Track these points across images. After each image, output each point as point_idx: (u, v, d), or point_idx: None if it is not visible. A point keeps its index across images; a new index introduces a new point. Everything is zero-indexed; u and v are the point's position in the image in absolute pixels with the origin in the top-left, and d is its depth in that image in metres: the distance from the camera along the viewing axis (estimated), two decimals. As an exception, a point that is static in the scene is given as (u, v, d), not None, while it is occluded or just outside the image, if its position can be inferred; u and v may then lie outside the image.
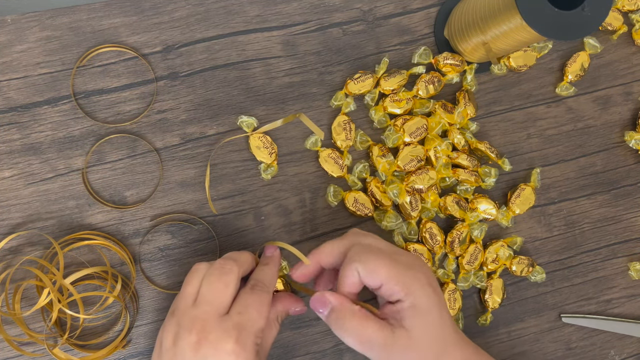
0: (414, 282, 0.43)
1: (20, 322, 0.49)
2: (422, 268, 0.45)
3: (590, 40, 0.58)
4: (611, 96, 0.59)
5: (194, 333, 0.41)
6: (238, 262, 0.45)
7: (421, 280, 0.43)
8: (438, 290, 0.44)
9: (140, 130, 0.53)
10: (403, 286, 0.43)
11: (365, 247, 0.45)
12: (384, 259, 0.43)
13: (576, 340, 0.57)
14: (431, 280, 0.44)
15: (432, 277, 0.45)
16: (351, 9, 0.56)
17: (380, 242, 0.46)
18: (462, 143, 0.55)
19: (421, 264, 0.45)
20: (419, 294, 0.43)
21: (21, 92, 0.52)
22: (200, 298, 0.43)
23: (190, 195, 0.53)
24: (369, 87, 0.55)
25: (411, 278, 0.43)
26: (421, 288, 0.43)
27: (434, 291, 0.43)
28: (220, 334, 0.42)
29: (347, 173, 0.54)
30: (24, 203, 0.52)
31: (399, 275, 0.43)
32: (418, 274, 0.43)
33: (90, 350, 0.51)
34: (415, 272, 0.43)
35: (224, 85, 0.54)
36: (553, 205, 0.58)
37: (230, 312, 0.43)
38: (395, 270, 0.43)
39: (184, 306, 0.43)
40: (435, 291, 0.44)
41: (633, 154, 0.59)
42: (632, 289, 0.58)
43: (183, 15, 0.54)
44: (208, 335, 0.41)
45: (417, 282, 0.43)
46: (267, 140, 0.53)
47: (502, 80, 0.58)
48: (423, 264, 0.45)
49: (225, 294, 0.43)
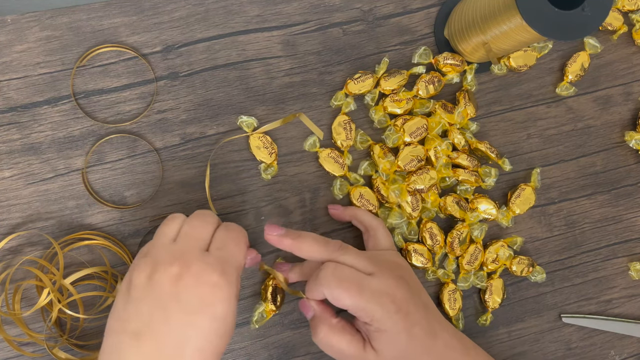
0: (379, 309, 0.43)
1: (20, 322, 0.49)
2: (395, 291, 0.44)
3: (590, 40, 0.58)
4: (611, 96, 0.59)
5: (175, 265, 0.40)
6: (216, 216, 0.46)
7: (387, 307, 0.43)
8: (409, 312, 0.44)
9: (140, 130, 0.53)
10: (366, 314, 0.44)
11: (336, 270, 0.45)
12: (349, 288, 0.44)
13: (576, 340, 0.57)
14: (401, 304, 0.44)
15: (404, 299, 0.44)
16: (351, 9, 0.56)
17: (359, 260, 0.46)
18: (462, 143, 0.55)
19: (393, 288, 0.45)
20: (383, 321, 0.44)
21: (21, 92, 0.52)
22: (180, 235, 0.43)
23: (190, 195, 0.53)
24: (369, 87, 0.55)
25: (376, 306, 0.43)
26: (386, 315, 0.43)
27: (402, 317, 0.44)
28: (204, 266, 0.40)
29: (348, 171, 0.54)
30: (24, 203, 0.52)
31: (363, 303, 0.43)
32: (385, 301, 0.44)
33: (90, 350, 0.51)
34: (382, 300, 0.44)
35: (224, 85, 0.54)
36: (553, 205, 0.58)
37: (210, 248, 0.43)
38: (359, 298, 0.43)
39: (161, 245, 0.42)
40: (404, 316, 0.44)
41: (633, 154, 0.59)
42: (632, 289, 0.58)
43: (183, 15, 0.54)
44: (190, 268, 0.40)
45: (381, 309, 0.43)
46: (267, 140, 0.53)
47: (502, 80, 0.58)
48: (396, 286, 0.45)
49: (206, 229, 0.43)
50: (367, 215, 0.52)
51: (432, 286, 0.56)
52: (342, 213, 0.53)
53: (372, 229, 0.51)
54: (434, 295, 0.56)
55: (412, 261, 0.54)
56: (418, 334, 0.44)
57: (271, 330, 0.54)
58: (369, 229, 0.52)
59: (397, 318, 0.44)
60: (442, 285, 0.55)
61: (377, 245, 0.51)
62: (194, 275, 0.40)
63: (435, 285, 0.56)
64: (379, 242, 0.51)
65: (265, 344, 0.53)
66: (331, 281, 0.44)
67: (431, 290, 0.56)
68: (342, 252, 0.47)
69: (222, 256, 0.42)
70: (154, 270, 0.40)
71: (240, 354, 0.53)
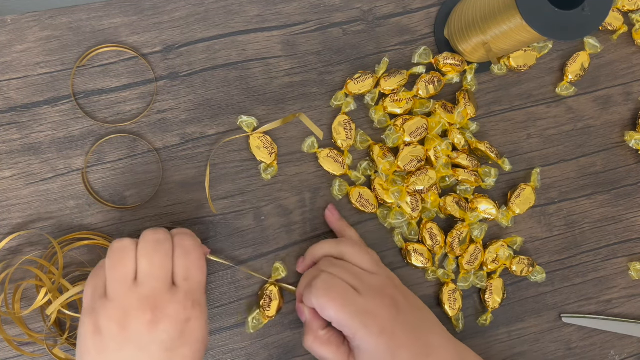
0: (362, 328, 0.44)
1: (20, 322, 0.49)
2: (378, 312, 0.45)
3: (590, 40, 0.58)
4: (611, 96, 0.59)
5: (148, 312, 0.40)
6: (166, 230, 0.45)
7: (370, 327, 0.44)
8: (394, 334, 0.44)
9: (140, 130, 0.53)
10: (349, 330, 0.44)
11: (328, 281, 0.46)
12: (335, 300, 0.44)
13: (576, 340, 0.57)
14: (385, 326, 0.44)
15: (389, 320, 0.44)
16: (351, 9, 0.56)
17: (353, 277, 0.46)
18: (462, 143, 0.55)
19: (378, 308, 0.45)
20: (365, 339, 0.44)
21: (21, 92, 0.52)
22: (143, 275, 0.41)
23: (190, 195, 0.53)
24: (369, 87, 0.55)
25: (359, 324, 0.44)
26: (368, 335, 0.44)
27: (386, 338, 0.44)
28: (177, 307, 0.41)
29: (348, 170, 0.54)
30: (24, 203, 0.52)
31: (347, 319, 0.44)
32: (369, 321, 0.44)
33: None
34: (366, 319, 0.44)
35: (224, 85, 0.54)
36: (553, 205, 0.58)
37: (177, 281, 0.42)
38: (343, 314, 0.44)
39: (123, 288, 0.41)
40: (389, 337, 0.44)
41: (633, 154, 0.59)
42: (632, 289, 0.58)
43: (183, 15, 0.54)
44: (164, 311, 0.41)
45: (364, 329, 0.44)
46: (267, 140, 0.53)
47: (502, 80, 0.58)
48: (382, 306, 0.45)
49: (168, 264, 0.42)
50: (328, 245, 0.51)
51: (432, 286, 0.56)
52: (335, 222, 0.54)
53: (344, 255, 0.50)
54: (434, 295, 0.56)
55: (412, 261, 0.54)
56: (404, 356, 0.44)
57: (271, 330, 0.54)
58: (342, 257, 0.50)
59: (380, 340, 0.44)
60: (442, 285, 0.55)
61: None
62: (169, 317, 0.41)
63: (435, 285, 0.56)
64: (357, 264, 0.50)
65: (265, 344, 0.53)
66: (320, 290, 0.45)
67: (431, 290, 0.56)
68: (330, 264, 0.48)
69: (190, 288, 0.43)
70: (125, 317, 0.40)
71: (241, 354, 0.53)
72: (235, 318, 0.53)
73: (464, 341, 0.55)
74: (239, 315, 0.53)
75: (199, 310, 0.43)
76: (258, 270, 0.54)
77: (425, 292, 0.56)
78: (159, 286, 0.41)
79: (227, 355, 0.53)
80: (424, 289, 0.56)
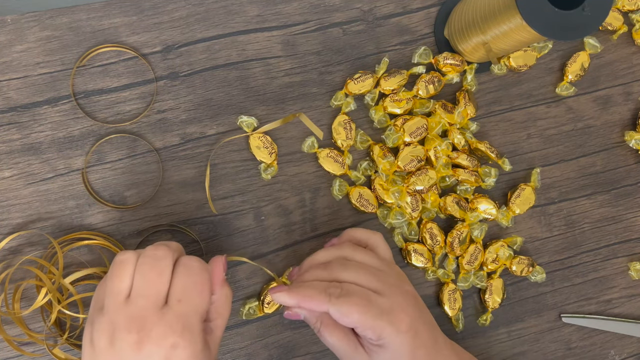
0: (387, 327, 0.42)
1: (20, 322, 0.49)
2: (404, 310, 0.43)
3: (590, 40, 0.58)
4: (611, 96, 0.59)
5: (133, 332, 0.38)
6: (171, 247, 0.42)
7: (397, 325, 0.43)
8: (417, 332, 0.43)
9: (140, 130, 0.53)
10: (374, 332, 0.43)
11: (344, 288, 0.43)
12: (357, 303, 0.42)
13: (576, 340, 0.57)
14: (412, 323, 0.43)
15: (414, 318, 0.43)
16: (351, 9, 0.56)
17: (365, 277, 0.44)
18: (462, 143, 0.55)
19: (402, 306, 0.44)
20: (391, 338, 0.43)
21: (21, 92, 0.52)
22: (135, 292, 0.39)
23: (190, 195, 0.53)
24: (369, 87, 0.55)
25: (385, 323, 0.42)
26: (395, 333, 0.43)
27: (411, 336, 0.43)
28: (163, 329, 0.38)
29: (348, 170, 0.54)
30: (24, 203, 0.52)
31: (371, 320, 0.42)
32: (394, 319, 0.43)
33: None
34: (391, 318, 0.43)
35: (224, 85, 0.54)
36: (553, 205, 0.58)
37: (169, 301, 0.39)
38: (367, 316, 0.42)
39: (115, 303, 0.39)
40: (413, 335, 0.43)
41: (633, 154, 0.59)
42: (632, 289, 0.58)
43: (183, 15, 0.54)
44: (150, 333, 0.38)
45: (390, 327, 0.42)
46: (267, 140, 0.53)
47: (502, 80, 0.58)
48: (406, 303, 0.44)
49: (161, 282, 0.40)
50: (362, 231, 0.50)
51: (432, 286, 0.56)
52: (339, 241, 0.50)
53: (372, 244, 0.49)
54: (434, 295, 0.56)
55: (412, 261, 0.54)
56: (421, 355, 0.43)
57: (271, 330, 0.54)
58: (368, 244, 0.49)
59: (405, 337, 0.43)
60: (442, 285, 0.55)
61: None
62: (154, 340, 0.38)
63: (435, 285, 0.56)
64: (380, 255, 0.49)
65: (265, 344, 0.53)
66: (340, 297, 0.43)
67: (431, 290, 0.56)
68: (343, 268, 0.45)
69: (182, 312, 0.39)
70: (113, 334, 0.38)
71: (240, 354, 0.53)
72: (235, 318, 0.53)
73: (464, 341, 0.56)
74: (238, 315, 0.53)
75: (189, 339, 0.38)
76: (257, 270, 0.54)
77: (425, 292, 0.56)
78: (148, 305, 0.39)
79: (227, 355, 0.53)
80: (424, 289, 0.56)
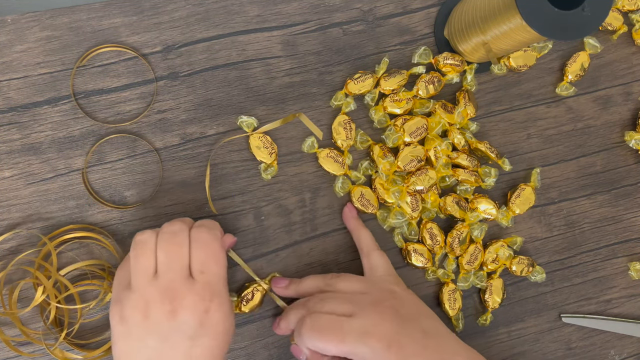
0: (367, 350, 0.44)
1: (17, 321, 0.49)
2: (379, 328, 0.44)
3: (590, 40, 0.58)
4: (611, 96, 0.59)
5: (167, 303, 0.42)
6: (184, 221, 0.46)
7: (374, 346, 0.44)
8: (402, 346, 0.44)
9: (140, 130, 0.53)
10: (357, 357, 0.44)
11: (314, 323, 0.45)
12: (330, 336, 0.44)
13: (576, 340, 0.57)
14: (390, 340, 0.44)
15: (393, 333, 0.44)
16: (351, 9, 0.56)
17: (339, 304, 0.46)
18: (462, 143, 0.55)
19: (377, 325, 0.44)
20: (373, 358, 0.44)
21: (21, 92, 0.52)
22: (161, 268, 0.43)
23: (190, 195, 0.53)
24: (369, 87, 0.55)
25: (364, 347, 0.44)
26: (376, 354, 0.44)
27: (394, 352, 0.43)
28: (194, 298, 0.43)
29: (348, 170, 0.54)
30: (24, 203, 0.52)
31: (348, 348, 0.44)
32: (371, 340, 0.44)
33: (90, 349, 0.51)
34: (368, 339, 0.44)
35: (224, 85, 0.54)
36: (553, 205, 0.58)
37: (193, 274, 0.44)
38: (343, 345, 0.44)
39: (144, 279, 0.43)
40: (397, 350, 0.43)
41: (633, 154, 0.59)
42: (632, 289, 0.58)
43: (183, 15, 0.54)
44: (182, 302, 0.42)
45: (370, 350, 0.44)
46: (267, 140, 0.53)
47: (502, 80, 0.58)
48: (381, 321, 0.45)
49: (183, 255, 0.44)
50: (365, 238, 0.52)
51: (432, 286, 0.56)
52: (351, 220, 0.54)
53: (366, 254, 0.52)
54: (434, 295, 0.56)
55: (412, 261, 0.54)
56: None
57: (271, 330, 0.54)
58: (364, 253, 0.52)
59: (389, 354, 0.43)
60: (442, 285, 0.55)
61: (372, 270, 0.51)
62: (187, 307, 0.42)
63: (435, 285, 0.56)
64: (374, 268, 0.51)
65: (265, 344, 0.53)
66: (312, 335, 0.45)
67: (431, 290, 0.56)
68: (336, 279, 0.49)
69: (207, 281, 0.44)
70: (146, 308, 0.42)
71: (241, 354, 0.53)
72: (234, 318, 0.53)
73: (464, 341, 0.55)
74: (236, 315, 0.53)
75: (218, 302, 0.43)
76: (259, 269, 0.54)
77: (425, 292, 0.56)
78: (176, 277, 0.43)
79: (227, 355, 0.53)
80: (424, 288, 0.56)
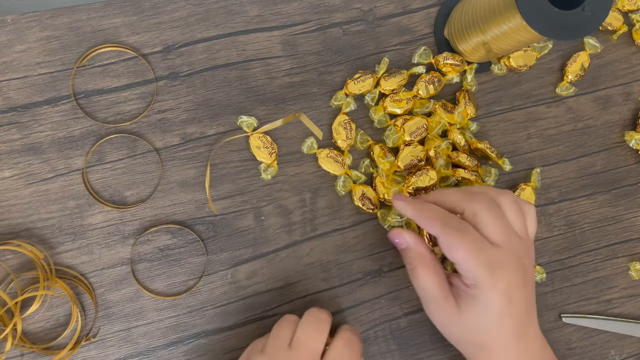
0: (487, 280, 0.43)
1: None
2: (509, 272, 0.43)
3: (590, 40, 0.58)
4: (611, 96, 0.59)
5: None
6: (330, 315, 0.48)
7: (496, 281, 0.42)
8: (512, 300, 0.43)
9: (140, 130, 0.53)
10: (473, 278, 0.43)
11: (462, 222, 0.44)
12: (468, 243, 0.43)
13: (576, 340, 0.57)
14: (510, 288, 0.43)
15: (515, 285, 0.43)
16: (351, 9, 0.56)
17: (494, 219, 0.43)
18: (462, 143, 0.55)
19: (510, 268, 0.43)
20: (486, 292, 0.43)
21: (21, 92, 0.52)
22: (296, 342, 0.45)
23: (190, 195, 0.53)
24: (369, 87, 0.55)
25: (486, 273, 0.42)
26: (491, 288, 0.43)
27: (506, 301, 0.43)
28: None
29: (349, 169, 0.54)
30: (24, 203, 0.52)
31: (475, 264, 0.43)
32: (496, 274, 0.43)
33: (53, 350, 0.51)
34: (494, 271, 0.43)
35: (224, 85, 0.54)
36: (553, 205, 0.58)
37: None
38: (472, 257, 0.43)
39: (278, 348, 0.45)
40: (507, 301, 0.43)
41: (633, 154, 0.59)
42: (633, 289, 0.58)
43: (183, 15, 0.54)
44: None
45: (489, 279, 0.42)
46: (267, 140, 0.53)
47: (502, 80, 0.58)
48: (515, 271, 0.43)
49: (320, 340, 0.45)
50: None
51: (432, 286, 0.56)
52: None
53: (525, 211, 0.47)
54: (434, 295, 0.56)
55: (412, 261, 0.54)
56: (507, 325, 0.43)
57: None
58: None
59: (498, 296, 0.43)
60: (442, 285, 0.55)
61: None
62: None
63: (435, 285, 0.56)
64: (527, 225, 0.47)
65: (265, 344, 0.53)
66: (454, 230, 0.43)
67: (431, 290, 0.56)
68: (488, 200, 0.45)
69: None
70: None
71: (241, 354, 0.53)
72: (235, 318, 0.53)
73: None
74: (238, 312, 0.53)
75: None
76: (257, 270, 0.54)
77: (425, 292, 0.56)
78: (307, 356, 0.45)
79: (226, 355, 0.53)
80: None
